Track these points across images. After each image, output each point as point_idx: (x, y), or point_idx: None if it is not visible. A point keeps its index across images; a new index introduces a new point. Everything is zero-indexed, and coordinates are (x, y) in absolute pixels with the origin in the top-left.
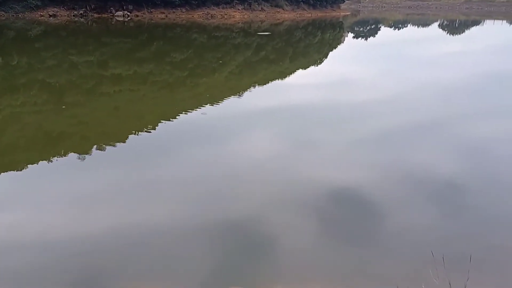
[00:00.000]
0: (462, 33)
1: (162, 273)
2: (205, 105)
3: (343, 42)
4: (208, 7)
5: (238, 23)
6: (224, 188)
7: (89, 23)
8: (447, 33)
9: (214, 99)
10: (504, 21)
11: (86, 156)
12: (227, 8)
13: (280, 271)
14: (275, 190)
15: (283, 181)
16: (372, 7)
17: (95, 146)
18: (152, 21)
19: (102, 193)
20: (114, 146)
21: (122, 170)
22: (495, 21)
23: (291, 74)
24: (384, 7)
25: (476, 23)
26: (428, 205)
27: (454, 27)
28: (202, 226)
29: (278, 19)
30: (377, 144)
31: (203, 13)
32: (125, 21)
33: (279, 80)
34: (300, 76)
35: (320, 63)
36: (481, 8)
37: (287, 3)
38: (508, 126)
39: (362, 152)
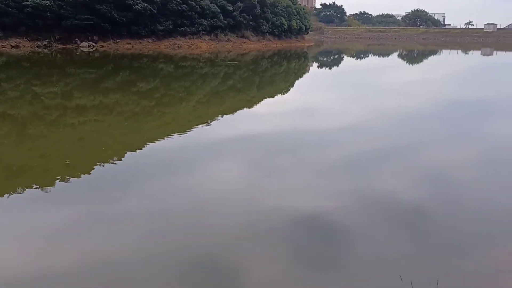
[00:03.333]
0: (420, 62)
1: None
2: (173, 135)
3: (308, 71)
4: (174, 37)
5: (205, 53)
6: (191, 220)
7: (53, 53)
8: (406, 62)
9: (182, 128)
10: (459, 51)
11: (48, 189)
12: (193, 38)
13: None
14: (243, 221)
15: (250, 212)
16: (335, 37)
17: (58, 179)
18: (118, 52)
19: (65, 227)
20: (78, 178)
21: (87, 203)
22: (451, 50)
23: (258, 102)
24: (346, 38)
25: (433, 52)
26: (395, 232)
27: (412, 57)
28: (169, 260)
29: (245, 49)
30: (343, 172)
31: (169, 44)
32: (90, 51)
33: (247, 108)
34: (267, 105)
35: (287, 91)
36: (437, 39)
37: (252, 34)
38: (468, 151)
39: (328, 180)
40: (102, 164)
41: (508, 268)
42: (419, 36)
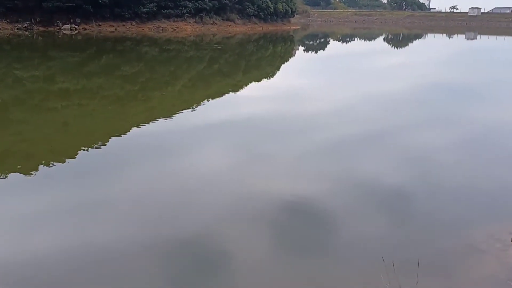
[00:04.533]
0: (405, 46)
1: None
2: (158, 119)
3: (294, 55)
4: (159, 20)
5: (190, 36)
6: (177, 204)
7: (34, 36)
8: (392, 46)
9: (167, 113)
10: (444, 35)
11: (32, 174)
12: (178, 21)
13: (234, 286)
14: (228, 204)
15: (235, 195)
16: (321, 21)
17: (41, 164)
18: (101, 35)
19: (49, 213)
20: (62, 163)
21: (71, 188)
22: (436, 34)
23: (244, 87)
24: (332, 21)
25: (418, 36)
26: (377, 213)
27: (398, 41)
28: (154, 243)
29: (230, 33)
30: (328, 155)
31: (153, 26)
32: (73, 34)
33: (233, 93)
34: (253, 89)
35: (273, 76)
36: (422, 22)
37: (238, 17)
38: (450, 135)
39: (313, 163)
40: (86, 148)
41: (487, 248)
42: (404, 20)
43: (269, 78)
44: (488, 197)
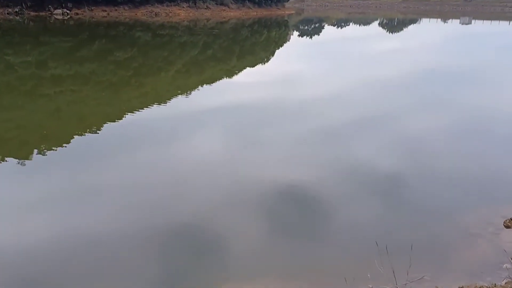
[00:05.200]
0: (400, 31)
1: (106, 279)
2: (152, 105)
3: (288, 40)
4: (152, 4)
5: (183, 21)
6: (171, 190)
7: (26, 21)
8: (387, 31)
9: (161, 99)
10: (439, 19)
11: (26, 161)
12: (171, 6)
13: (229, 271)
14: (223, 190)
15: (231, 181)
16: (316, 5)
17: (35, 151)
18: (93, 19)
19: (44, 199)
20: (56, 150)
21: (65, 175)
22: (431, 19)
23: (238, 72)
24: (327, 6)
25: (413, 21)
26: (371, 199)
27: (393, 25)
28: (148, 229)
29: (224, 17)
30: (322, 141)
31: (146, 11)
32: (65, 19)
33: (227, 78)
34: (247, 75)
35: (267, 61)
36: (417, 7)
37: (232, 1)
38: (443, 120)
39: (308, 149)
40: (80, 134)
41: (479, 232)
42: (399, 5)
43: (264, 63)
44: (480, 181)
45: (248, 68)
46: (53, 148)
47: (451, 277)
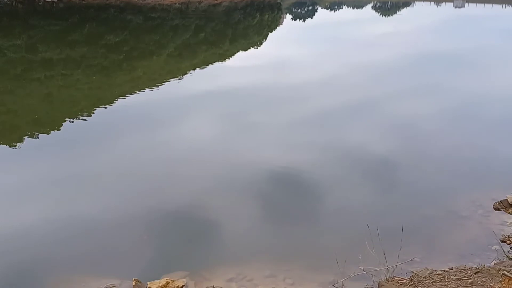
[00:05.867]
0: (394, 14)
1: (102, 263)
2: (144, 89)
3: (281, 24)
4: None
5: (175, 3)
6: (165, 174)
7: (14, 3)
8: (380, 14)
9: (153, 83)
10: (432, 3)
11: (16, 145)
12: None
13: (221, 253)
14: (216, 174)
15: (224, 165)
16: None
17: (26, 135)
18: (84, 2)
19: (36, 184)
20: (47, 134)
21: (57, 160)
22: (424, 2)
23: (231, 56)
24: None
25: (406, 4)
26: (363, 182)
27: (386, 9)
28: (141, 213)
29: (216, 0)
30: (316, 125)
31: None
32: (54, 1)
33: (220, 62)
34: (240, 58)
35: (260, 45)
36: None
37: None
38: (436, 104)
39: (301, 133)
40: (71, 120)
41: (469, 215)
42: None
43: (257, 47)
44: (471, 165)
45: (241, 52)
46: (44, 132)
47: (441, 259)
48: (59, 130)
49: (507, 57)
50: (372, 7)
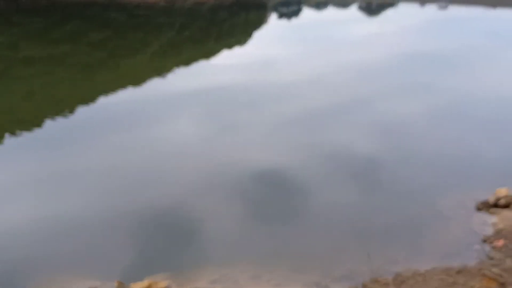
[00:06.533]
0: (379, 14)
1: (83, 264)
2: (127, 87)
3: (267, 23)
4: None
5: (160, 2)
6: (148, 174)
7: None
8: (366, 14)
9: (137, 81)
10: (417, 4)
11: None
12: None
13: (205, 254)
14: (201, 174)
15: (209, 165)
16: None
17: (7, 133)
18: None
19: (17, 183)
20: (29, 132)
21: (39, 158)
22: (408, 3)
23: (216, 54)
24: None
25: (391, 5)
26: (348, 182)
27: (371, 9)
28: (124, 213)
29: None
30: (302, 125)
31: None
32: None
33: (205, 60)
34: (225, 57)
35: (245, 43)
36: None
37: None
38: (421, 104)
39: (287, 133)
40: (53, 118)
41: (453, 215)
42: None
43: (242, 45)
44: (454, 166)
45: (226, 50)
46: (26, 130)
47: (424, 259)
48: (41, 127)
49: (491, 57)
50: (358, 7)
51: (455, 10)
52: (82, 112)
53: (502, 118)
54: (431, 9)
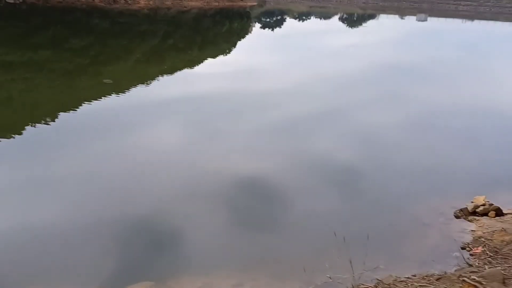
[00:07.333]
0: (359, 26)
1: (61, 275)
2: (110, 95)
3: (250, 32)
4: None
5: (143, 9)
6: (129, 182)
7: None
8: (347, 26)
9: (119, 88)
10: (397, 16)
11: None
12: None
13: (187, 263)
14: (182, 182)
15: (190, 173)
16: None
17: None
18: (48, 5)
19: None
20: (8, 139)
21: (18, 166)
22: (389, 15)
23: (200, 63)
24: None
25: (372, 17)
26: (329, 190)
27: (352, 20)
28: (104, 222)
29: (185, 7)
30: (282, 133)
31: None
32: (17, 3)
33: (188, 69)
34: (209, 65)
35: (229, 52)
36: (376, 3)
37: None
38: (399, 114)
39: (267, 142)
40: (33, 124)
41: (431, 222)
42: (359, 0)
43: (225, 54)
44: (432, 174)
45: (209, 59)
46: (5, 137)
47: (405, 266)
48: (21, 134)
49: (468, 69)
50: (339, 18)
51: (434, 22)
52: (64, 118)
53: (477, 128)
54: (410, 21)
